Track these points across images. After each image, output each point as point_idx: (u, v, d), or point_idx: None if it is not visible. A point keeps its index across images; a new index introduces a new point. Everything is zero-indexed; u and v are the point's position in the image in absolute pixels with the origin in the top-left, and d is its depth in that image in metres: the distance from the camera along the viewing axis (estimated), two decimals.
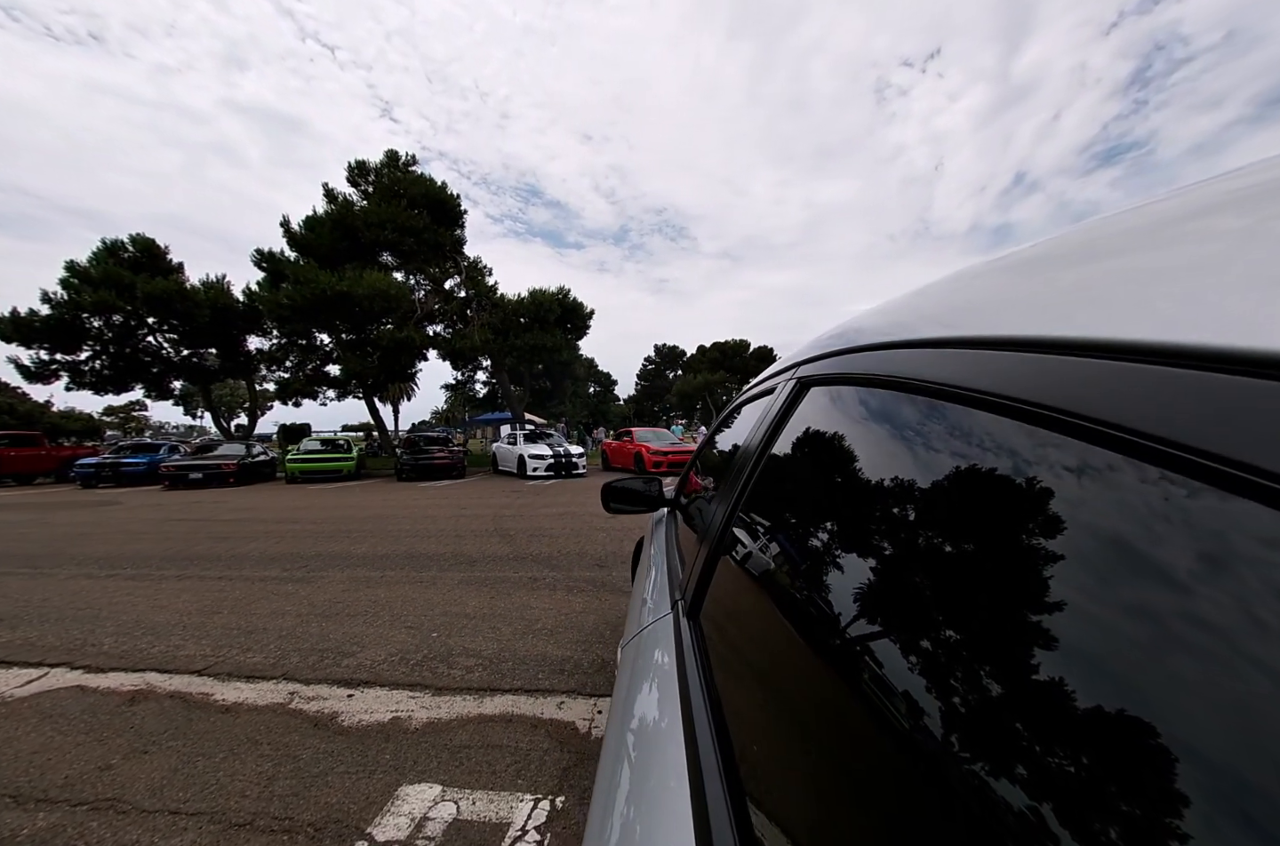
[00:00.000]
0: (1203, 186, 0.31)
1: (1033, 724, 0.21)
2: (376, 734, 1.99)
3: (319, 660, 2.66)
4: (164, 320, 19.41)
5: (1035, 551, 0.24)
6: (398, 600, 3.58)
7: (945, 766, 0.24)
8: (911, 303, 0.54)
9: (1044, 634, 0.22)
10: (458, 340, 18.00)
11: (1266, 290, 0.20)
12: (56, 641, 3.01)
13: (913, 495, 0.36)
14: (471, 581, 4.00)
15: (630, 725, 0.62)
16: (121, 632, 3.12)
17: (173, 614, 3.43)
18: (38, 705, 2.30)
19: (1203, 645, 0.17)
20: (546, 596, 3.59)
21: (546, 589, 3.76)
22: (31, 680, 2.54)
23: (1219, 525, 0.18)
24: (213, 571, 4.50)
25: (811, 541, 0.51)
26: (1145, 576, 0.20)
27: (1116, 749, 0.18)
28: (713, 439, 1.51)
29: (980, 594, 0.27)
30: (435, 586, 3.88)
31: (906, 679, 0.28)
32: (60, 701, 2.33)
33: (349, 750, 1.89)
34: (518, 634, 2.93)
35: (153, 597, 3.79)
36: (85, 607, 3.60)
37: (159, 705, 2.27)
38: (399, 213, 16.84)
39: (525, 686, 2.32)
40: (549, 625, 3.04)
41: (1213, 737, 0.16)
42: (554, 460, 12.97)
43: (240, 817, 1.58)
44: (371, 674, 2.49)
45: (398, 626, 3.09)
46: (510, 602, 3.47)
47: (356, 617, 3.26)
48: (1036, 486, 0.26)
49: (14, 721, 2.17)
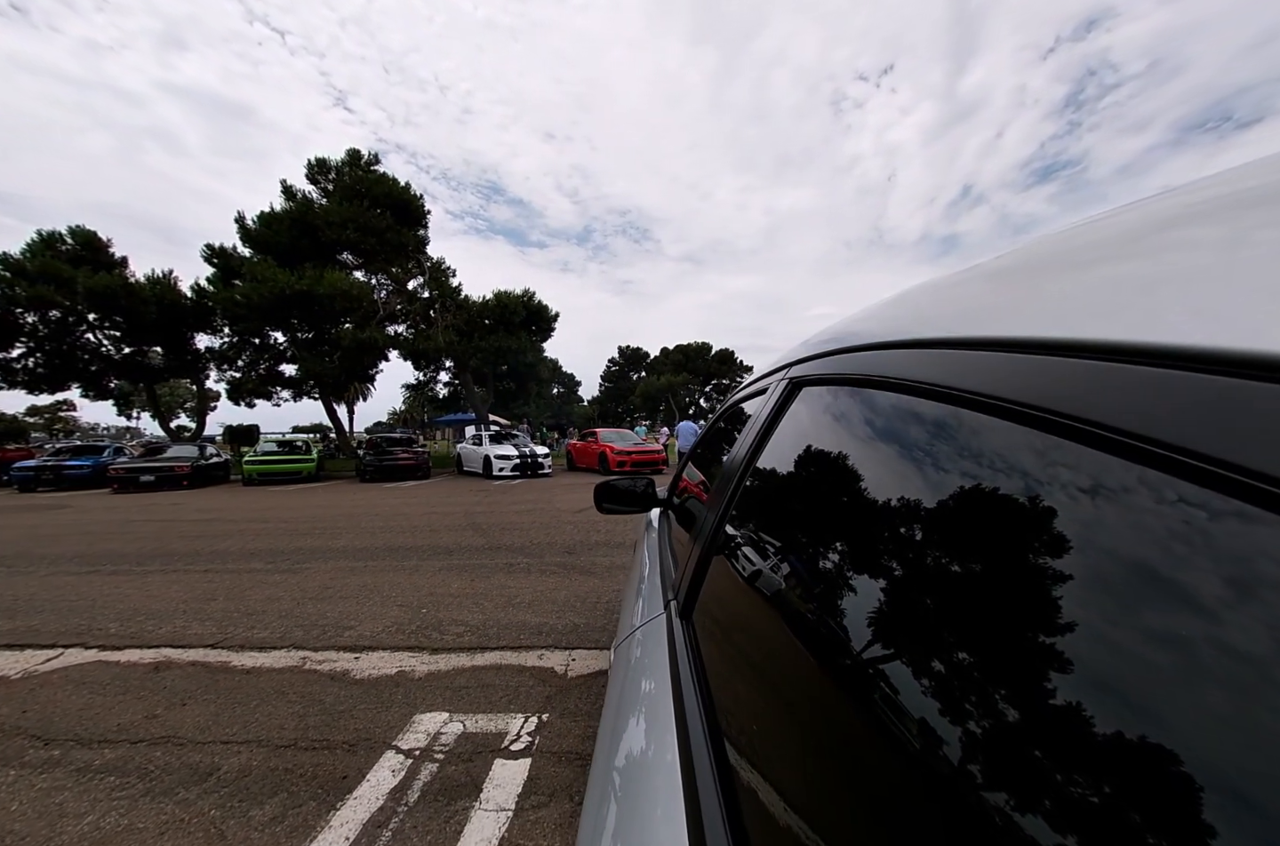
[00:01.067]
0: (1182, 193, 0.32)
1: (1026, 722, 0.21)
2: (387, 682, 2.39)
3: (321, 633, 3.01)
4: (106, 317, 18.58)
5: (1023, 548, 0.25)
6: (384, 585, 3.93)
7: (938, 764, 0.24)
8: (903, 304, 0.55)
9: (1030, 631, 0.22)
10: (421, 341, 18.00)
11: (1250, 292, 0.21)
12: (61, 627, 3.23)
13: (905, 495, 0.36)
14: (452, 568, 4.38)
15: (623, 724, 0.63)
16: (123, 618, 3.36)
17: (168, 602, 3.67)
18: (67, 676, 2.58)
19: (1195, 642, 0.17)
20: (522, 578, 4.02)
21: (521, 572, 4.18)
22: (51, 658, 2.79)
23: (1197, 519, 0.18)
24: (197, 565, 4.70)
25: (804, 541, 0.51)
26: (1132, 571, 0.20)
27: (1101, 741, 0.18)
28: (705, 439, 1.51)
29: (970, 592, 0.27)
30: (418, 573, 4.24)
31: (901, 679, 0.29)
32: (87, 673, 2.61)
33: (365, 694, 2.29)
34: (499, 607, 3.35)
35: (143, 589, 4.00)
36: (77, 599, 3.79)
37: (183, 671, 2.59)
38: (361, 212, 16.74)
39: (509, 644, 2.76)
40: (526, 600, 3.48)
41: (1195, 727, 0.16)
42: (520, 460, 13.26)
43: (283, 742, 1.96)
44: (372, 641, 2.87)
45: (389, 605, 3.45)
46: (489, 584, 3.88)
47: (349, 599, 3.60)
48: (1025, 486, 0.26)
49: (50, 688, 2.45)
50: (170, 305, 18.80)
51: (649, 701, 0.62)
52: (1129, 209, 0.37)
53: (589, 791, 0.57)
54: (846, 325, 0.66)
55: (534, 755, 1.82)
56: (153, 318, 18.53)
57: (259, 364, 20.64)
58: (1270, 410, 0.17)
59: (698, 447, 1.60)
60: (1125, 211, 0.36)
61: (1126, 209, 0.37)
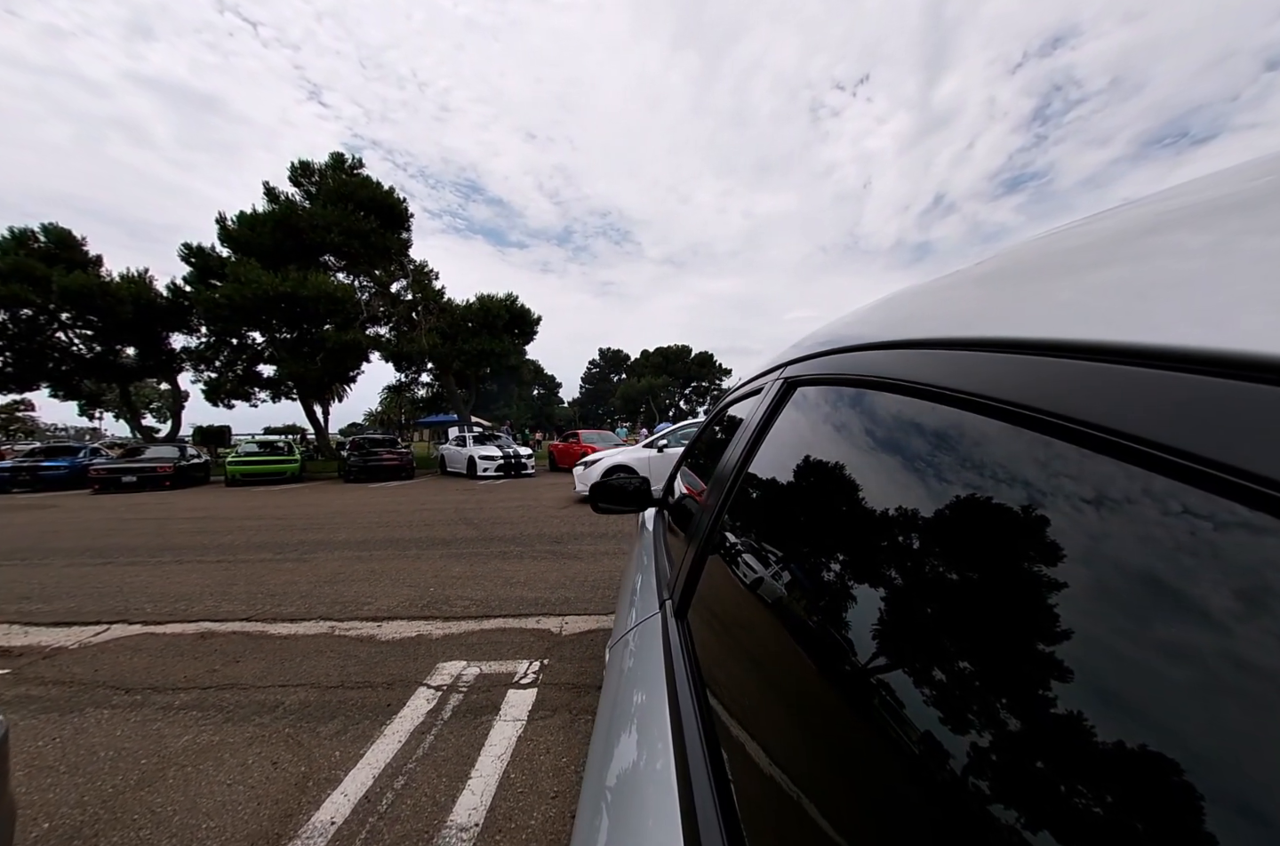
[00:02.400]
0: (1159, 200, 0.33)
1: (1017, 723, 0.21)
2: (409, 642, 2.84)
3: (343, 608, 3.43)
4: (80, 316, 18.38)
5: (1013, 546, 0.25)
6: (392, 570, 4.35)
7: (933, 767, 0.24)
8: (895, 306, 0.56)
9: (1024, 626, 0.23)
10: (405, 344, 18.24)
11: (1239, 295, 0.21)
12: (98, 608, 3.58)
13: (901, 494, 0.36)
14: (451, 555, 4.82)
15: (618, 724, 0.63)
16: (155, 601, 3.72)
17: (193, 587, 4.04)
18: (122, 644, 2.96)
19: (1191, 641, 0.17)
20: (516, 562, 4.48)
21: (515, 558, 4.65)
22: (100, 633, 3.16)
23: (1188, 518, 0.18)
24: (209, 557, 5.04)
25: (799, 539, 0.51)
26: (1121, 569, 0.20)
27: (1093, 737, 0.18)
28: (700, 439, 1.51)
29: (965, 593, 0.27)
30: (421, 560, 4.67)
31: (897, 679, 0.29)
32: (139, 642, 3.00)
33: (393, 650, 2.74)
34: (498, 586, 3.81)
35: (164, 577, 4.35)
36: (104, 586, 4.13)
37: (226, 639, 2.99)
38: (345, 216, 16.94)
39: (511, 613, 3.23)
40: (521, 580, 3.95)
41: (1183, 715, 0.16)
42: (504, 461, 13.63)
43: (331, 684, 2.40)
44: (390, 613, 3.31)
45: (400, 585, 3.89)
46: (487, 568, 4.34)
47: (361, 582, 4.02)
48: (1016, 485, 0.26)
49: (110, 654, 2.83)
50: (146, 304, 18.69)
51: (644, 701, 0.62)
52: (1109, 215, 0.37)
53: (583, 791, 0.57)
54: (840, 326, 0.67)
55: (539, 686, 2.31)
56: (128, 317, 18.40)
57: (236, 364, 20.58)
58: (1259, 410, 0.18)
59: (693, 448, 1.61)
60: (1106, 217, 0.37)
61: (1107, 214, 0.38)
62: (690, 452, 1.62)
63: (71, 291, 16.96)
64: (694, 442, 1.63)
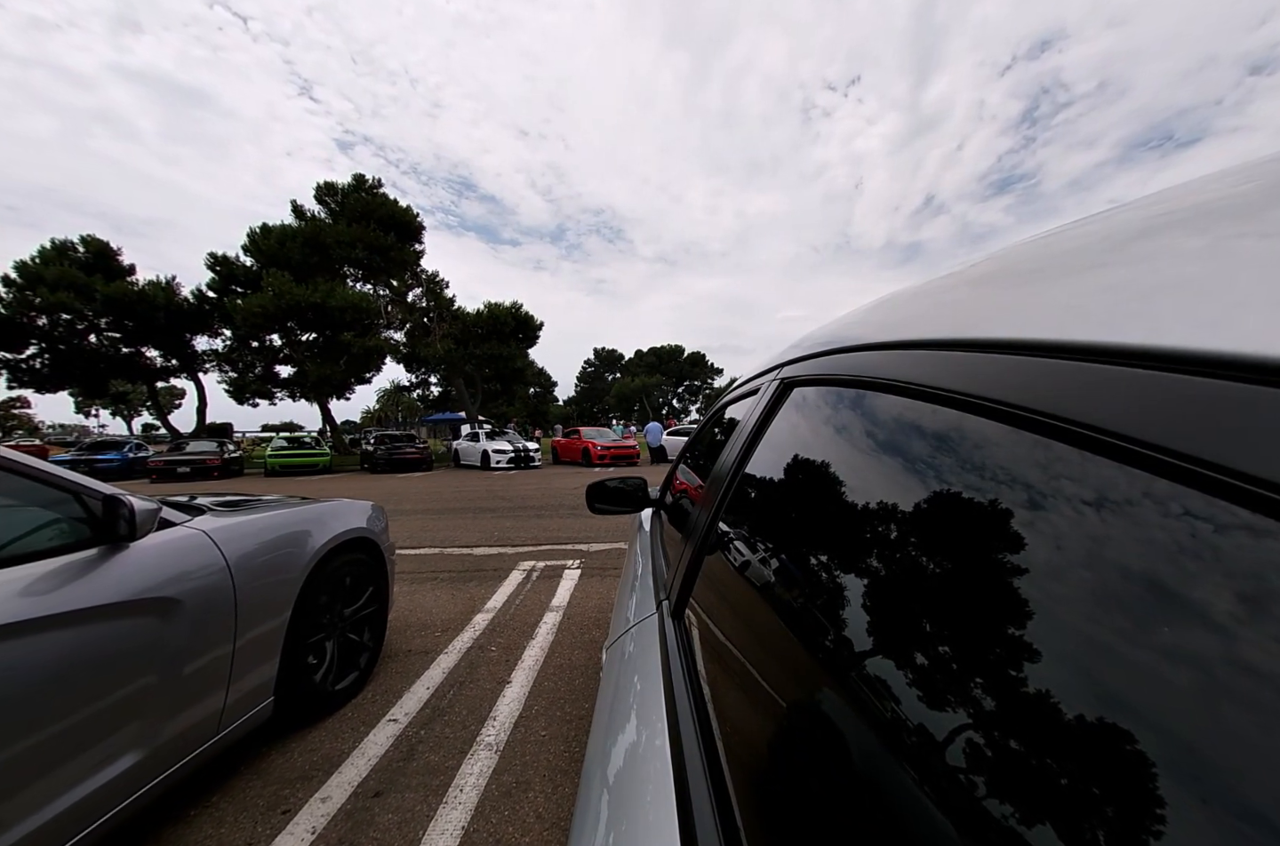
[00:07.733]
0: (1167, 199, 0.33)
1: (1020, 722, 0.21)
2: (495, 556, 4.64)
3: (441, 543, 5.20)
4: (118, 321, 19.91)
5: (1008, 545, 0.25)
6: (460, 525, 6.15)
7: (929, 766, 0.25)
8: (892, 307, 0.56)
9: (1019, 627, 0.23)
10: (421, 348, 19.96)
11: (1238, 297, 0.21)
12: None
13: (897, 495, 0.36)
14: (499, 516, 6.64)
15: (615, 725, 0.64)
16: None
17: None
18: None
19: (1188, 642, 0.17)
20: (549, 519, 6.33)
21: (547, 517, 6.49)
22: None
23: (1186, 520, 0.18)
24: None
25: (796, 540, 0.52)
26: (1116, 569, 0.20)
27: (1095, 740, 0.18)
28: (697, 439, 1.54)
29: (961, 593, 0.27)
30: (479, 519, 6.49)
31: (893, 679, 0.29)
32: None
33: (487, 558, 4.54)
34: (540, 531, 5.64)
35: None
36: None
37: None
38: (367, 233, 18.61)
39: (555, 542, 5.07)
40: (555, 528, 5.79)
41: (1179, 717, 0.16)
42: (515, 454, 15.39)
43: (461, 569, 4.18)
44: (475, 543, 5.11)
45: (471, 532, 5.68)
46: (529, 523, 6.17)
47: (443, 531, 5.80)
48: (1012, 485, 0.27)
49: None
50: (175, 310, 20.25)
51: (641, 701, 0.63)
52: (1106, 216, 0.37)
53: (581, 790, 0.57)
54: (837, 327, 0.67)
55: (581, 569, 4.12)
56: (161, 322, 19.95)
57: (256, 366, 22.17)
58: (1258, 412, 0.17)
59: (690, 448, 1.61)
60: (1103, 219, 0.37)
61: (1104, 216, 0.38)
62: (687, 453, 1.63)
63: (114, 299, 18.52)
64: (691, 443, 1.64)
